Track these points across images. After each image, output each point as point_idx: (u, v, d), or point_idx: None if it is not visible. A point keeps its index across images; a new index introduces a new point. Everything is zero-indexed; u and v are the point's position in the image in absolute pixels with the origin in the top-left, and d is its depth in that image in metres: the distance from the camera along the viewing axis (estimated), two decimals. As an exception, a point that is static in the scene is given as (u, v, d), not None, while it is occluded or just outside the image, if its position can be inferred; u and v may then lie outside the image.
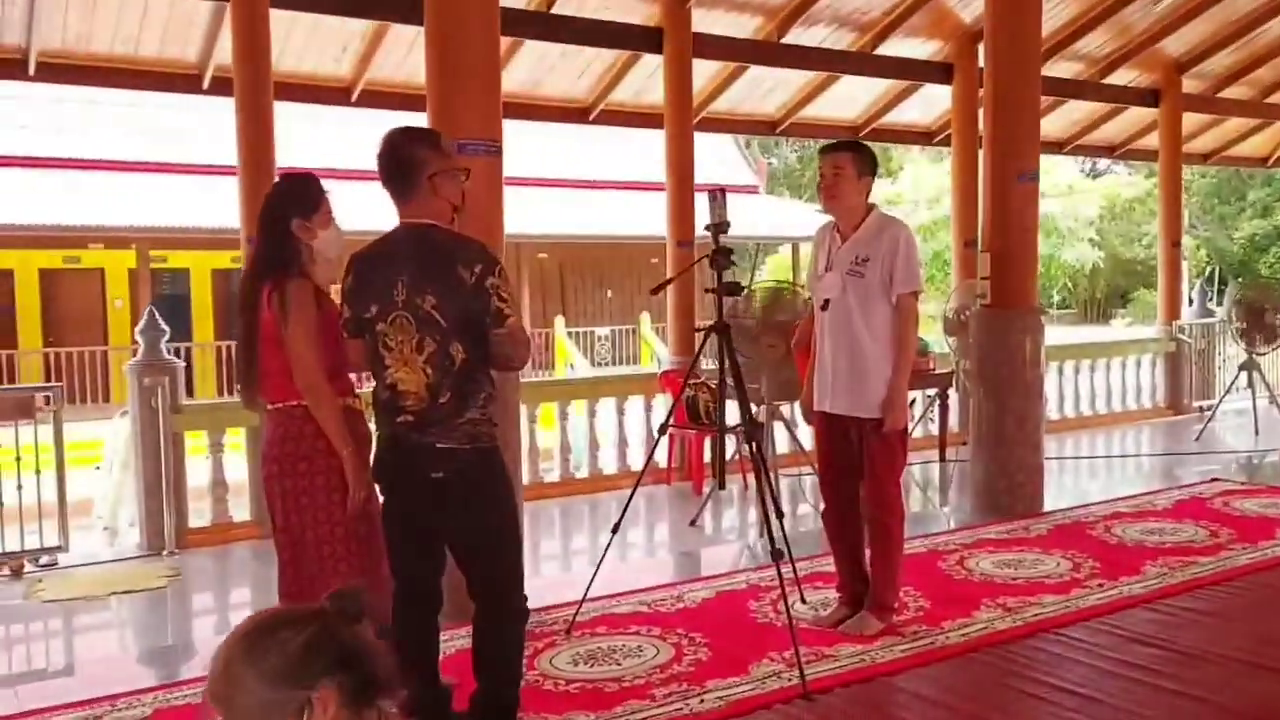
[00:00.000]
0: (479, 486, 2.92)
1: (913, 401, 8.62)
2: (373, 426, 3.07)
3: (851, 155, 3.93)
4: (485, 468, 2.93)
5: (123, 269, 16.19)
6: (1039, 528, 5.70)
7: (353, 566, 3.04)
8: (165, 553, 5.81)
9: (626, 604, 4.40)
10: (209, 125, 13.98)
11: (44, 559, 5.64)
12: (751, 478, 6.83)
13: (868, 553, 4.11)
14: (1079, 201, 29.84)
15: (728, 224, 3.96)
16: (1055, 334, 11.92)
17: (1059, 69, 9.69)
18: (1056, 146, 11.52)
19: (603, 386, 8.24)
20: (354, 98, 8.11)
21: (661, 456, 7.62)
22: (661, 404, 7.78)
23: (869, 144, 4.14)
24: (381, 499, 3.06)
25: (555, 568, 5.81)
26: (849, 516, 4.11)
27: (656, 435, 4.42)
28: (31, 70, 7.02)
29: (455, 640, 3.68)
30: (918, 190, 28.46)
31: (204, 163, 15.23)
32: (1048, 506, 6.18)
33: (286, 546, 3.12)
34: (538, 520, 6.53)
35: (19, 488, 5.56)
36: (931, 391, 8.55)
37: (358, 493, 2.99)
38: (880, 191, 28.02)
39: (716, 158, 20.72)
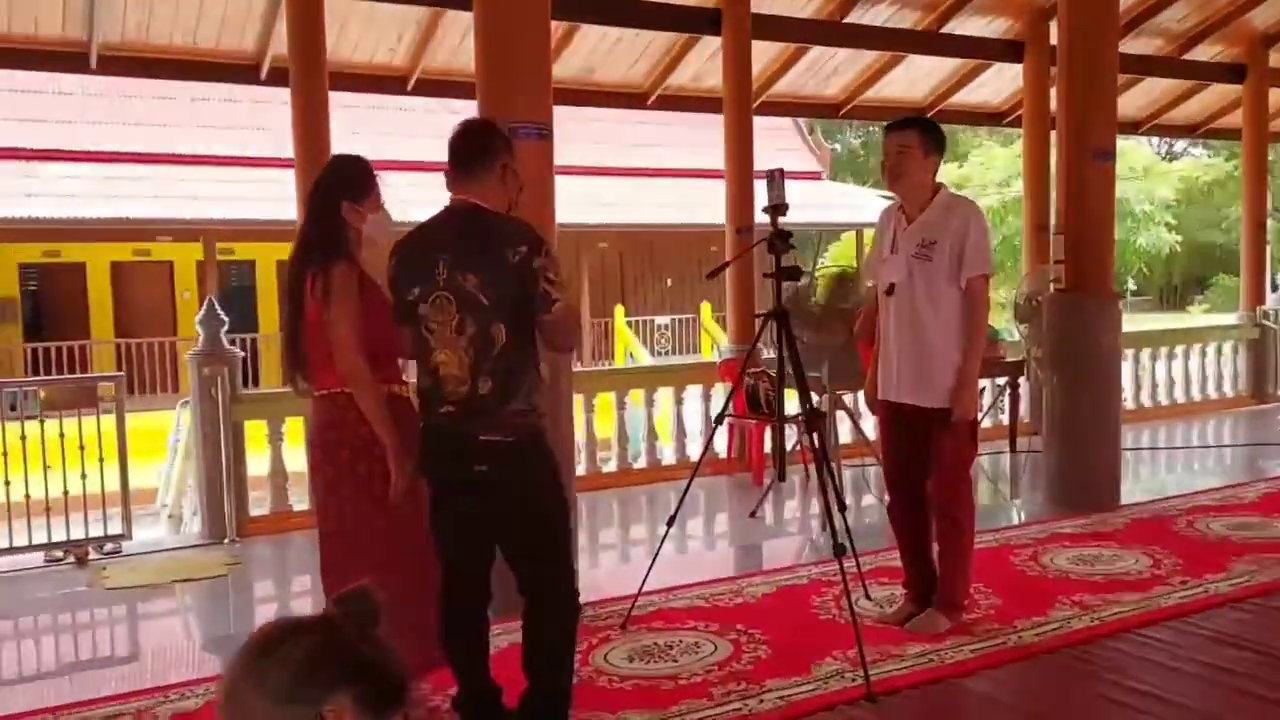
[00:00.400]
0: (525, 479, 2.82)
1: (982, 390, 8.39)
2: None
3: (918, 132, 3.76)
4: (532, 459, 2.83)
5: (191, 261, 16.47)
6: (1116, 522, 5.46)
7: (394, 558, 2.98)
8: (226, 541, 5.83)
9: (684, 598, 4.28)
10: (275, 117, 14.13)
11: (108, 546, 5.70)
12: (813, 468, 6.67)
13: (935, 548, 3.95)
14: (1155, 185, 28.91)
15: (786, 205, 3.81)
16: (1131, 322, 11.53)
17: (1136, 45, 9.30)
18: (1133, 126, 11.11)
19: (661, 376, 8.14)
20: (410, 86, 8.09)
21: (721, 446, 7.50)
22: (721, 393, 7.64)
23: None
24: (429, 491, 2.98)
25: (612, 559, 5.72)
26: (916, 510, 3.95)
27: (714, 424, 4.29)
28: (93, 63, 7.10)
29: (506, 636, 3.59)
30: (986, 173, 27.81)
31: (269, 155, 15.38)
32: (1125, 500, 5.92)
33: (328, 537, 3.08)
34: (595, 511, 6.46)
35: (83, 476, 5.62)
36: (1002, 380, 8.33)
37: (399, 481, 2.92)
38: (948, 175, 27.49)
39: (777, 144, 20.46)
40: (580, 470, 7.11)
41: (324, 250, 3.01)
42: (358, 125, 12.22)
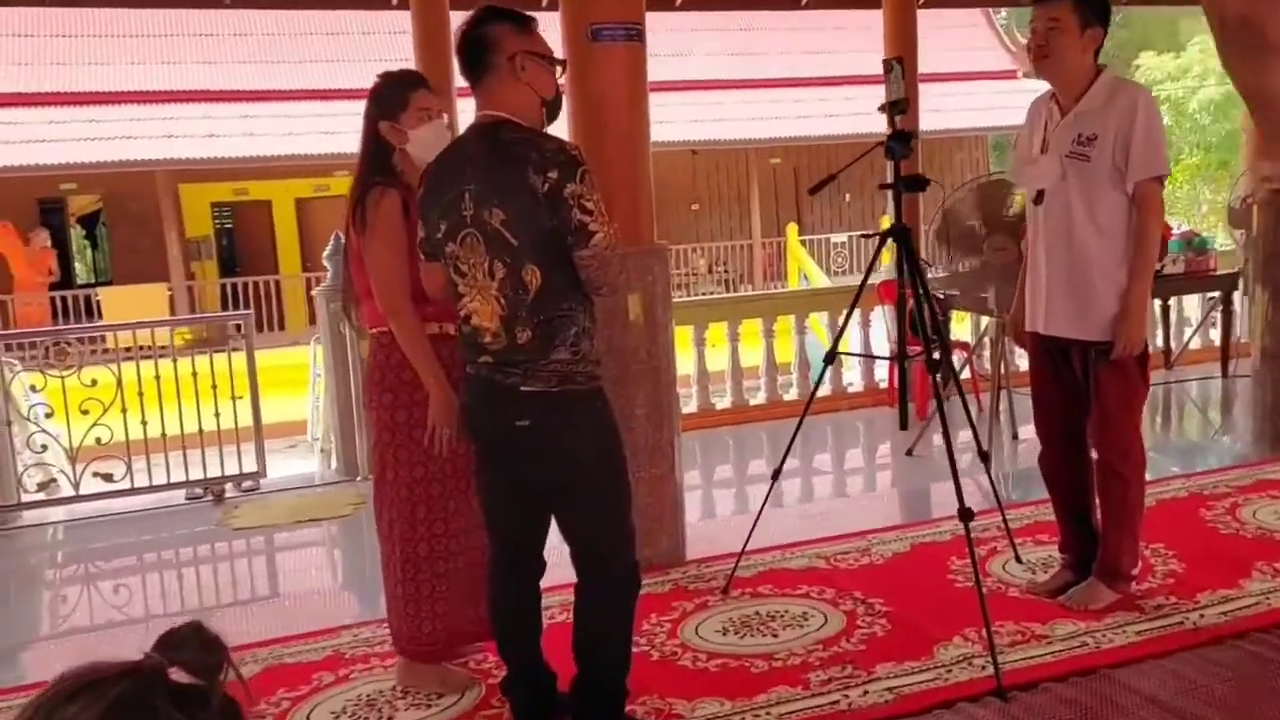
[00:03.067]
0: (573, 435, 2.43)
1: (1166, 311, 7.37)
2: None
3: (1071, 2, 3.03)
4: (580, 413, 2.44)
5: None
6: (1341, 466, 4.58)
7: (432, 513, 2.79)
8: (360, 479, 5.77)
9: (802, 556, 3.80)
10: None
11: (246, 484, 5.75)
12: (987, 397, 6.01)
13: (1098, 505, 3.31)
14: None
15: (905, 101, 3.20)
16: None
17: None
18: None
19: (792, 301, 7.50)
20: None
21: (883, 375, 6.91)
22: (880, 318, 7.00)
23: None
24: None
25: (729, 506, 5.23)
26: (1073, 461, 3.31)
27: (823, 363, 3.69)
28: (227, -1, 7.05)
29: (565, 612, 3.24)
30: (1209, 59, 24.94)
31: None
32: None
33: (375, 484, 2.90)
34: (710, 450, 6.03)
35: (216, 414, 5.65)
36: (1214, 295, 7.33)
37: (441, 431, 2.69)
38: (1164, 65, 24.89)
39: (969, 43, 18.93)
40: (725, 403, 6.74)
41: (362, 176, 2.79)
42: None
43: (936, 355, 3.23)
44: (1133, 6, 9.19)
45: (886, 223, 15.54)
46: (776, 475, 3.50)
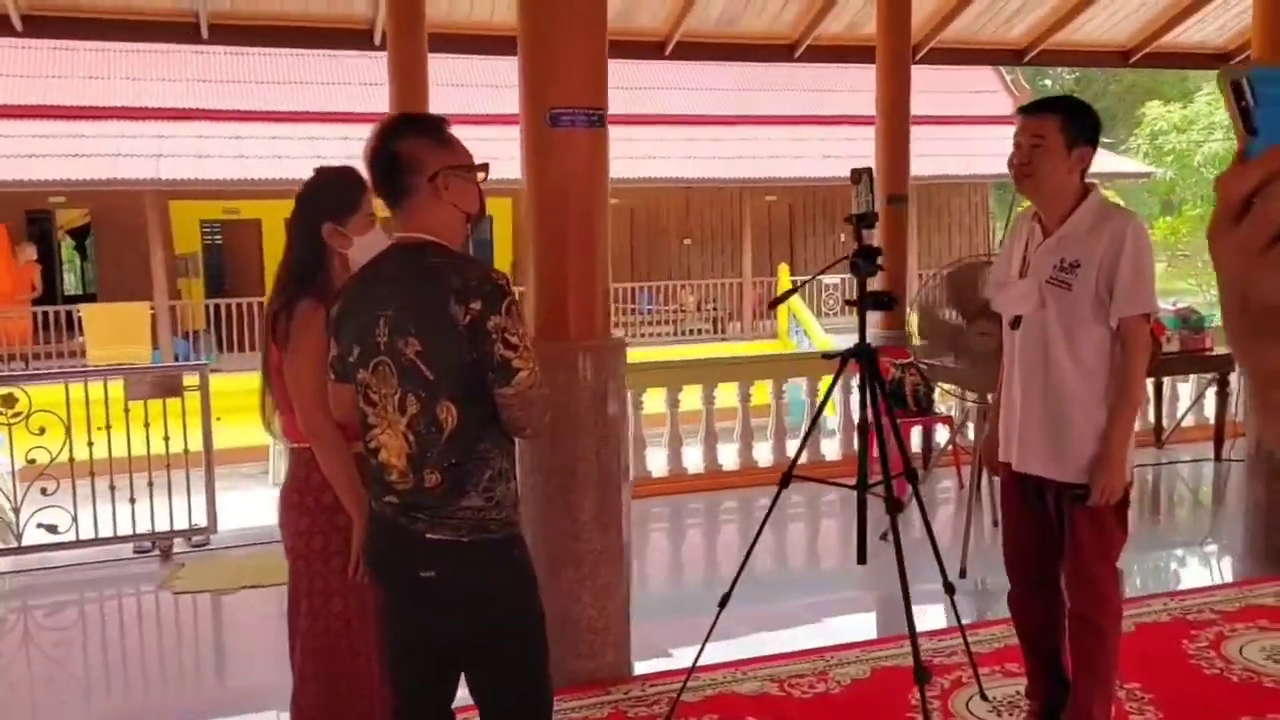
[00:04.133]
0: (485, 588, 2.19)
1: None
2: None
3: (1058, 118, 2.81)
4: (493, 564, 2.20)
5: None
6: (1337, 589, 4.34)
7: (354, 649, 2.56)
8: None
9: (753, 678, 3.55)
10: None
11: (196, 539, 5.54)
12: (967, 471, 5.78)
13: (1068, 651, 3.06)
14: None
15: (874, 215, 2.97)
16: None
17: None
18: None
19: (767, 367, 7.28)
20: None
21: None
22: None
23: (1085, 104, 2.95)
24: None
25: (686, 599, 4.85)
26: (1044, 606, 3.06)
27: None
28: (204, 34, 6.85)
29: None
30: (1216, 113, 24.83)
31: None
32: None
33: (289, 615, 2.66)
34: (679, 518, 5.79)
35: (167, 466, 5.42)
36: (1209, 375, 7.12)
37: (360, 561, 2.45)
38: (1170, 116, 24.75)
39: (969, 87, 18.79)
40: (699, 468, 6.49)
41: (293, 282, 2.54)
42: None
43: (897, 494, 2.99)
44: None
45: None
46: (724, 603, 3.23)
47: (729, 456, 6.63)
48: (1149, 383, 6.98)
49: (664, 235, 18.80)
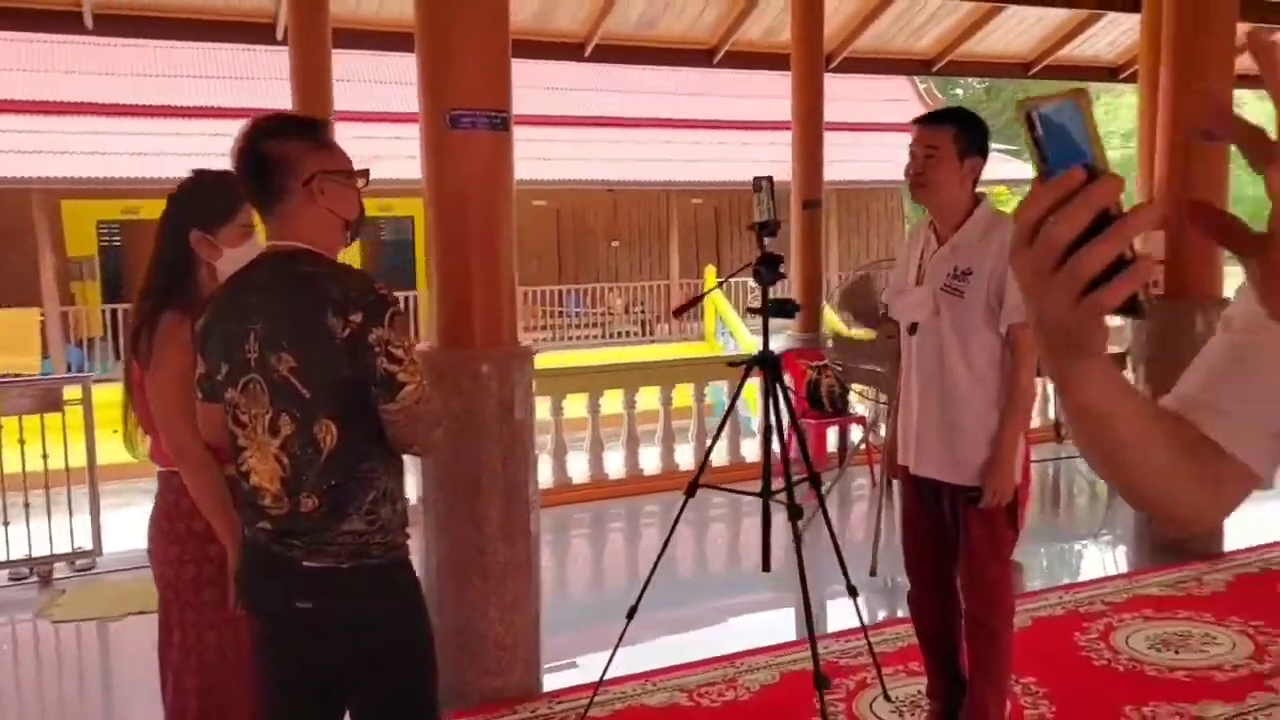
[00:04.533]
0: (367, 617, 2.08)
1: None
2: None
3: (950, 129, 2.89)
4: (376, 592, 2.10)
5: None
6: (1215, 579, 4.51)
7: (227, 684, 2.43)
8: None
9: (661, 689, 3.56)
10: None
11: (80, 563, 5.28)
12: (878, 468, 5.87)
13: (965, 650, 3.14)
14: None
15: (777, 223, 3.01)
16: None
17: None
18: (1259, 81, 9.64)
19: (688, 370, 7.31)
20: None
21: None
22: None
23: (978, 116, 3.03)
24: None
25: (599, 607, 4.77)
26: (940, 606, 3.13)
27: (685, 495, 3.38)
28: (89, 23, 6.60)
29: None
30: (1112, 122, 25.70)
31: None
32: (1229, 546, 4.90)
33: (160, 647, 2.52)
34: (601, 524, 5.76)
35: (45, 486, 5.15)
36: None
37: (236, 590, 2.32)
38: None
39: (884, 95, 19.12)
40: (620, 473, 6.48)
41: (156, 293, 2.40)
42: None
43: (799, 502, 3.03)
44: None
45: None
46: (632, 614, 3.24)
47: (650, 460, 6.65)
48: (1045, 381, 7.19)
49: (591, 237, 18.77)
